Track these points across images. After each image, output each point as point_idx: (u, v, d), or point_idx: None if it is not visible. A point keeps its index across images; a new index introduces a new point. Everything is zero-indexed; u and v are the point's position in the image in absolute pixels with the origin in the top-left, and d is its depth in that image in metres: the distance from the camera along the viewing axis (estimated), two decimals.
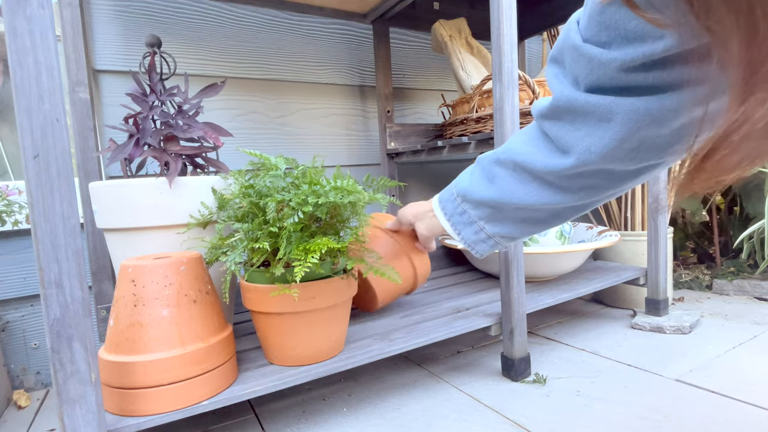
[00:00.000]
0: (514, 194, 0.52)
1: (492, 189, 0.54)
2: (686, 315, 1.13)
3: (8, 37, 0.45)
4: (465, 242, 0.60)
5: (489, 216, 0.57)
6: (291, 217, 0.63)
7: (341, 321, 0.74)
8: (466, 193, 0.57)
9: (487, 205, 0.55)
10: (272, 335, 0.71)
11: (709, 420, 0.71)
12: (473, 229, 0.59)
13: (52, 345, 0.48)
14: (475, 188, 0.56)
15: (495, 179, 0.53)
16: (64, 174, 0.47)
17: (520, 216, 0.54)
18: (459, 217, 0.60)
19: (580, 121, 0.42)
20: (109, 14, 1.00)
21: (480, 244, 0.59)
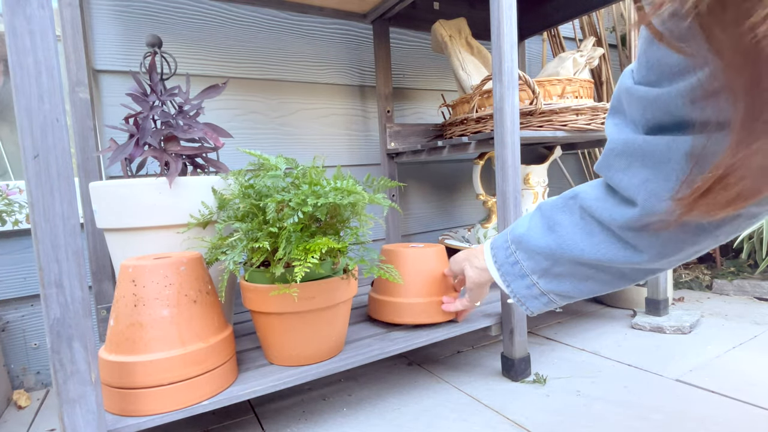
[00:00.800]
0: (577, 245, 0.46)
1: (551, 237, 0.48)
2: (686, 315, 1.13)
3: (8, 37, 0.45)
4: (515, 296, 0.55)
5: (544, 270, 0.51)
6: (291, 218, 0.63)
7: (341, 321, 0.74)
8: (522, 239, 0.52)
9: (544, 255, 0.50)
10: (272, 335, 0.71)
11: (709, 420, 0.71)
12: (525, 282, 0.53)
13: (52, 345, 0.48)
14: (533, 235, 0.51)
15: (556, 227, 0.48)
16: (64, 174, 0.47)
17: (581, 273, 0.49)
18: (510, 267, 0.54)
19: (638, 165, 0.39)
20: (109, 14, 1.00)
21: (532, 300, 0.54)
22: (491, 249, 0.57)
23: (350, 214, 0.72)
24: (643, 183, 0.39)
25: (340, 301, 0.71)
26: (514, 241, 0.54)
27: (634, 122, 0.39)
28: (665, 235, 0.42)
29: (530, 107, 0.97)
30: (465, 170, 1.55)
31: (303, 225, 0.67)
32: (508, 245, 0.54)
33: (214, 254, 0.69)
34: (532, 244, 0.51)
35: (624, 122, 0.41)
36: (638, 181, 0.39)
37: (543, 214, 0.51)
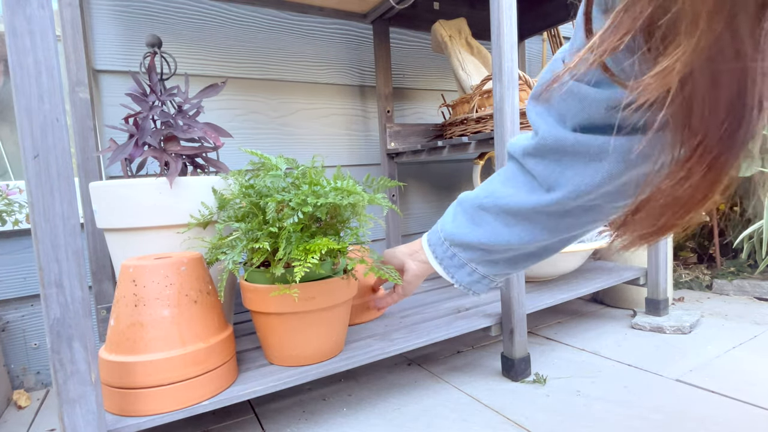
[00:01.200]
0: (502, 236, 0.51)
1: (479, 232, 0.53)
2: (686, 315, 1.13)
3: (8, 37, 0.45)
4: (459, 284, 0.59)
5: (479, 258, 0.56)
6: (291, 218, 0.63)
7: (341, 321, 0.74)
8: (454, 237, 0.56)
9: (476, 248, 0.54)
10: (272, 335, 0.71)
11: (709, 420, 0.71)
12: (466, 271, 0.57)
13: (52, 345, 0.48)
14: (463, 231, 0.55)
15: (481, 224, 0.53)
16: (64, 174, 0.47)
17: (511, 255, 0.54)
18: (450, 261, 0.58)
19: (568, 160, 0.42)
20: (109, 14, 1.00)
21: (476, 284, 0.58)
22: (429, 246, 0.62)
23: (350, 215, 0.72)
24: (572, 177, 0.42)
25: (341, 301, 0.71)
26: (447, 238, 0.58)
27: (562, 117, 0.40)
28: (579, 215, 0.46)
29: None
30: (465, 170, 1.55)
31: (303, 225, 0.67)
32: (443, 241, 0.58)
33: (214, 254, 0.69)
34: (465, 239, 0.55)
35: (547, 112, 0.42)
36: (569, 174, 0.42)
37: (466, 211, 0.55)
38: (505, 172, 0.51)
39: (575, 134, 0.40)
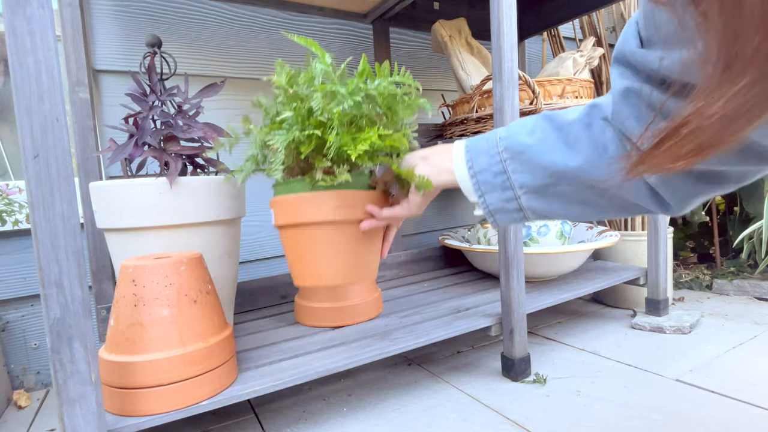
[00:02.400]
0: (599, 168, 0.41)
1: (570, 155, 0.42)
2: (686, 315, 1.13)
3: (8, 37, 0.45)
4: (486, 207, 0.48)
5: (539, 187, 0.45)
6: (341, 105, 0.55)
7: (376, 242, 0.64)
8: (526, 151, 0.44)
9: (550, 173, 0.43)
10: (305, 250, 0.62)
11: (709, 420, 0.71)
12: (506, 195, 0.46)
13: (52, 345, 0.48)
14: (545, 149, 0.43)
15: (577, 144, 0.42)
16: (64, 174, 0.47)
17: (583, 196, 0.44)
18: (492, 177, 0.47)
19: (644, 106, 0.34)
20: (109, 14, 1.00)
21: (503, 214, 0.48)
22: (466, 152, 0.49)
23: (404, 115, 0.64)
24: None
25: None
26: (510, 150, 0.46)
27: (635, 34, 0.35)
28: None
29: (530, 107, 0.97)
30: None
31: (352, 118, 0.58)
32: (497, 151, 0.47)
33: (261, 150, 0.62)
34: (542, 158, 0.44)
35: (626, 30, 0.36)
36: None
37: (557, 127, 0.44)
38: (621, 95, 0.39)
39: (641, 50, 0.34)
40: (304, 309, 0.92)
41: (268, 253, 1.20)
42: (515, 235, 0.83)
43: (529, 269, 1.09)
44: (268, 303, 1.10)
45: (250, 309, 1.08)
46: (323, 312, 0.90)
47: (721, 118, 0.25)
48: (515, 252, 0.83)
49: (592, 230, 1.28)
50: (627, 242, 1.30)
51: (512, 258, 0.83)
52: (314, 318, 0.91)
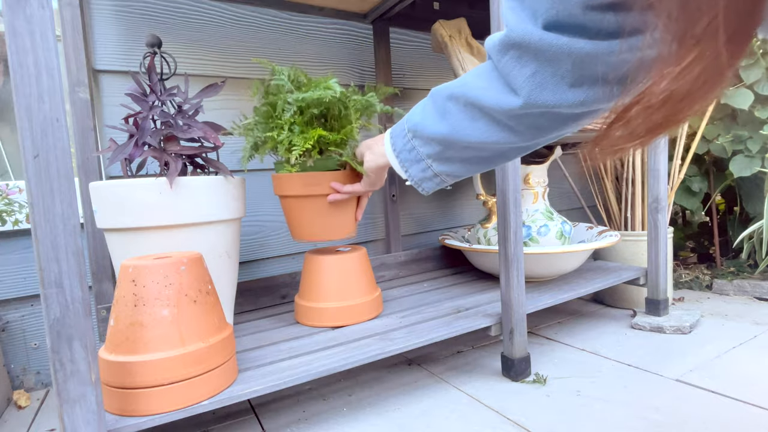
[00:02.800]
0: (465, 131, 0.50)
1: (443, 125, 0.52)
2: (686, 315, 1.13)
3: (8, 37, 0.45)
4: (412, 179, 0.59)
5: (437, 154, 0.55)
6: (288, 111, 0.78)
7: (347, 209, 0.86)
8: (418, 128, 0.55)
9: (437, 141, 0.54)
10: (292, 215, 0.87)
11: (709, 420, 0.71)
12: (421, 166, 0.58)
13: (52, 345, 0.48)
14: (428, 123, 0.54)
15: (447, 114, 0.51)
16: (64, 174, 0.47)
17: (467, 155, 0.54)
18: (408, 154, 0.58)
19: (529, 58, 0.40)
20: (109, 14, 1.00)
21: (426, 182, 0.59)
22: (390, 138, 0.61)
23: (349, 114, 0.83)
24: (531, 76, 0.41)
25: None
26: (411, 129, 0.57)
27: (534, 12, 0.38)
28: (540, 121, 0.45)
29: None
30: None
31: (308, 121, 0.80)
32: (405, 133, 0.58)
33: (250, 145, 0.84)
34: (428, 131, 0.54)
35: (521, 6, 0.39)
36: (528, 72, 0.41)
37: (435, 102, 0.53)
38: (481, 67, 0.48)
39: (542, 32, 0.38)
40: (304, 309, 0.92)
41: (268, 253, 1.21)
42: (515, 235, 0.83)
43: (529, 269, 1.09)
44: (268, 303, 1.10)
45: (250, 309, 1.08)
46: (322, 312, 0.90)
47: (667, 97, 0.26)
48: (515, 252, 0.83)
49: (592, 230, 1.28)
50: (627, 242, 1.30)
51: (512, 258, 0.83)
52: (314, 318, 0.91)
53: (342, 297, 0.90)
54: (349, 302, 0.90)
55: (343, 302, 0.90)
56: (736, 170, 1.32)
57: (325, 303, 0.90)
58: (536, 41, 0.38)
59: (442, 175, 0.58)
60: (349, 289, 0.91)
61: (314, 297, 0.91)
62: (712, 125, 1.40)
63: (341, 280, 0.90)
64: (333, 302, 0.90)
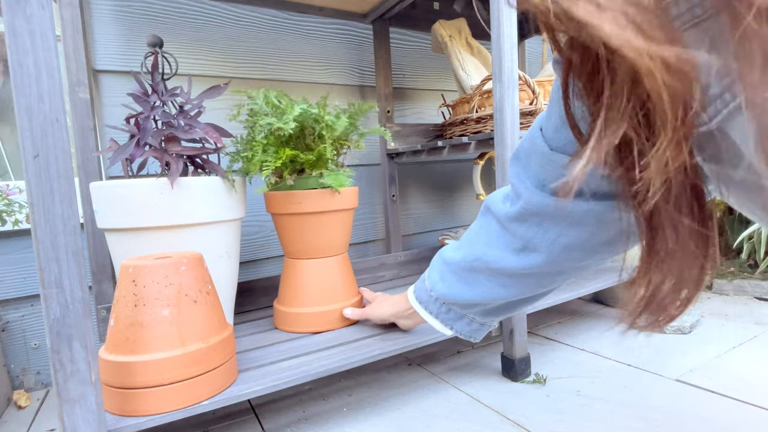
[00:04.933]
0: (499, 294, 0.53)
1: (474, 292, 0.55)
2: (686, 315, 1.13)
3: (8, 37, 0.45)
4: (460, 334, 0.62)
5: (478, 311, 0.59)
6: (261, 133, 0.81)
7: (333, 228, 0.87)
8: (448, 297, 0.59)
9: (474, 305, 0.57)
10: (280, 232, 0.88)
11: (709, 420, 0.71)
12: (465, 321, 0.61)
13: (52, 345, 0.48)
14: (456, 292, 0.57)
15: (474, 284, 0.55)
16: (64, 174, 0.47)
17: (508, 306, 0.57)
18: (446, 315, 0.61)
19: (549, 223, 0.44)
20: (109, 14, 1.00)
21: (476, 332, 0.62)
22: (420, 304, 0.65)
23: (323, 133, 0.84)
24: (555, 239, 0.45)
25: (325, 209, 0.84)
26: (440, 298, 0.60)
27: (541, 181, 0.43)
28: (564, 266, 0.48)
29: (530, 107, 0.97)
30: (465, 170, 1.55)
31: (282, 141, 0.83)
32: (434, 300, 0.61)
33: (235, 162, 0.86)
34: (459, 299, 0.57)
35: (525, 175, 0.44)
36: (550, 237, 0.45)
37: (454, 272, 0.57)
38: (487, 232, 0.52)
39: (557, 200, 0.42)
40: (282, 314, 0.89)
41: (268, 253, 1.21)
42: None
43: None
44: (268, 303, 1.10)
45: (250, 309, 1.08)
46: (298, 317, 0.87)
47: None
48: None
49: None
50: None
51: None
52: (292, 324, 0.88)
53: (322, 302, 0.87)
54: (327, 307, 0.87)
55: (322, 307, 0.87)
56: None
57: (304, 308, 0.87)
58: (553, 208, 0.42)
59: (487, 323, 0.61)
60: (330, 294, 0.88)
61: (293, 302, 0.88)
62: None
63: (321, 284, 0.87)
64: (312, 307, 0.87)
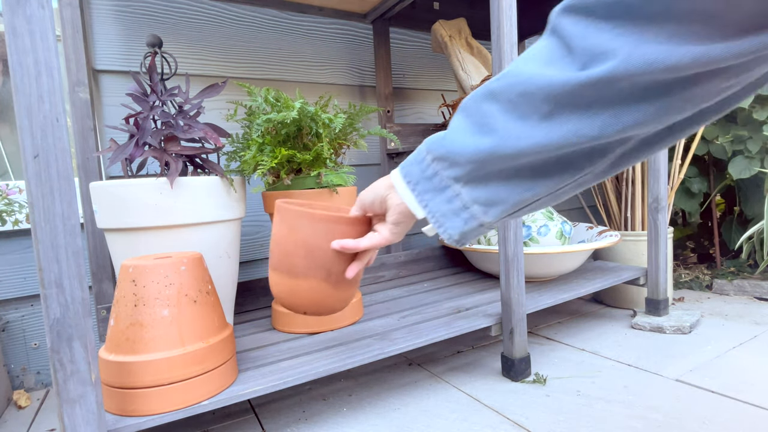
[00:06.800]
0: (510, 137, 0.36)
1: (476, 139, 0.38)
2: (686, 315, 1.13)
3: (8, 37, 0.45)
4: (433, 216, 0.43)
5: (469, 173, 0.40)
6: (257, 132, 0.80)
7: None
8: (442, 145, 0.41)
9: (471, 160, 0.39)
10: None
11: (709, 420, 0.71)
12: (446, 195, 0.42)
13: (52, 345, 0.48)
14: (455, 139, 0.39)
15: (482, 125, 0.38)
16: (64, 174, 0.47)
17: (514, 166, 0.38)
18: (427, 183, 0.43)
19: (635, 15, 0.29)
20: (109, 14, 1.00)
21: (452, 218, 0.42)
22: (401, 168, 0.46)
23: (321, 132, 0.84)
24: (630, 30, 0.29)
25: None
26: (432, 150, 0.42)
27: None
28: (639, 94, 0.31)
29: None
30: None
31: (281, 140, 0.83)
32: (424, 157, 0.43)
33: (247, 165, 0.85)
34: (456, 148, 0.40)
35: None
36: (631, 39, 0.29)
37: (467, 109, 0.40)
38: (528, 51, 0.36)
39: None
40: (279, 314, 0.89)
41: (268, 253, 1.20)
42: (515, 235, 0.83)
43: (529, 269, 1.09)
44: (268, 303, 1.10)
45: (250, 309, 1.08)
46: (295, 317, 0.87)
47: None
48: (515, 252, 0.83)
49: (593, 230, 1.28)
50: (627, 242, 1.30)
51: (512, 258, 0.83)
52: (292, 324, 0.88)
53: None
54: None
55: None
56: (735, 172, 1.32)
57: None
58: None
59: (474, 206, 0.41)
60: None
61: None
62: (712, 126, 1.40)
63: None
64: None
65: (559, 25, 0.33)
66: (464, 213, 0.41)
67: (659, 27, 0.28)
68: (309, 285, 0.64)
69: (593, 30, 0.30)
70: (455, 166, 0.40)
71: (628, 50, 0.29)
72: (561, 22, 0.32)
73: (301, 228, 0.63)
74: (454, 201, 0.42)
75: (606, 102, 0.32)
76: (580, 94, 0.32)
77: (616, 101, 0.32)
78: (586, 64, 0.31)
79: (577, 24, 0.31)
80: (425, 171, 0.43)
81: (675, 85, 0.30)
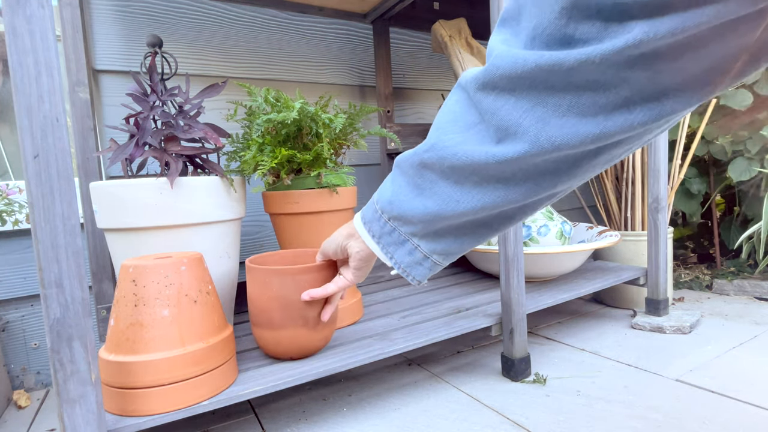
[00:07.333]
0: (451, 201, 0.41)
1: (420, 201, 0.43)
2: (686, 315, 1.13)
3: (8, 37, 0.45)
4: (398, 266, 0.48)
5: (422, 230, 0.45)
6: (257, 131, 0.81)
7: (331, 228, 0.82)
8: (392, 208, 0.45)
9: (419, 220, 0.44)
10: (277, 233, 0.89)
11: (709, 420, 0.71)
12: (406, 248, 0.47)
13: (52, 345, 0.48)
14: (403, 201, 0.44)
15: (424, 189, 0.42)
16: (64, 174, 0.47)
17: (460, 223, 0.43)
18: (389, 237, 0.48)
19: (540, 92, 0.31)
20: (109, 14, 1.00)
21: (416, 267, 0.48)
22: (363, 222, 0.50)
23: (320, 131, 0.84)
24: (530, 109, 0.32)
25: (323, 209, 0.83)
26: (384, 210, 0.47)
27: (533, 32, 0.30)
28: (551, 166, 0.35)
29: None
30: None
31: (281, 140, 0.84)
32: (380, 215, 0.48)
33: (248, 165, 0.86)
34: (404, 211, 0.44)
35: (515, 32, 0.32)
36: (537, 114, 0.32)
37: (404, 172, 0.44)
38: (451, 110, 0.38)
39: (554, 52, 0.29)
40: None
41: None
42: (515, 235, 0.83)
43: (529, 269, 1.09)
44: None
45: None
46: None
47: None
48: (515, 252, 0.83)
49: (593, 230, 1.28)
50: (627, 242, 1.30)
51: (512, 258, 0.83)
52: None
53: None
54: None
55: None
56: (735, 175, 1.32)
57: None
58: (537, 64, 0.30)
59: (434, 256, 0.46)
60: None
61: None
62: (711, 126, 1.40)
63: None
64: None
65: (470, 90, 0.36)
66: (426, 262, 0.47)
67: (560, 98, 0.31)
68: (289, 334, 0.69)
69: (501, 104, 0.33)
70: (409, 224, 0.45)
71: (535, 130, 0.32)
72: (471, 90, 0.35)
73: (271, 285, 0.68)
74: (414, 253, 0.47)
75: (525, 175, 0.36)
76: (500, 170, 0.36)
77: (534, 173, 0.36)
78: (501, 139, 0.35)
79: (486, 98, 0.34)
80: (384, 227, 0.48)
81: (582, 158, 0.34)
